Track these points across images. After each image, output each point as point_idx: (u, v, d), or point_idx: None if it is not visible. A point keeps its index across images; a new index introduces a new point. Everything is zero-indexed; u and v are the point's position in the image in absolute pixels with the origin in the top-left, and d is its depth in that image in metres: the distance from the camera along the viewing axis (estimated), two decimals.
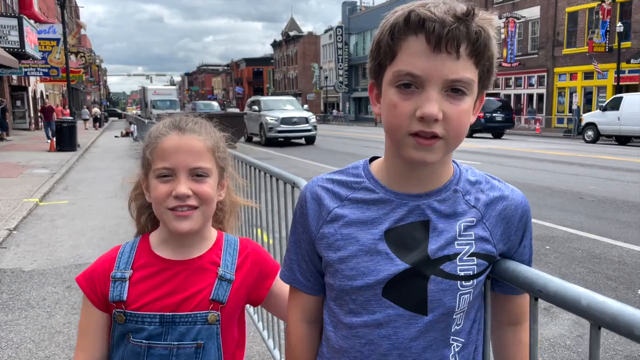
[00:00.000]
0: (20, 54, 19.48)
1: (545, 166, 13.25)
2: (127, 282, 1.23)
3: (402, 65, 0.88)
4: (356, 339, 1.00)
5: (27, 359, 3.36)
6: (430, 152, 0.90)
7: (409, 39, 0.87)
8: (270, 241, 2.93)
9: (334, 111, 60.83)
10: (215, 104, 40.04)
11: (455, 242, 0.96)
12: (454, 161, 1.04)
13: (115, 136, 29.74)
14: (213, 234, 1.33)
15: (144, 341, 1.22)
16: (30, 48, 20.29)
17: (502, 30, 35.72)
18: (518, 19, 35.25)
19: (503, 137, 25.49)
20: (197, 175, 1.20)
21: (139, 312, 1.22)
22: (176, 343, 1.23)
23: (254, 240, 1.59)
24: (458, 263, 0.95)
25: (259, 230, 3.22)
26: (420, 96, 0.87)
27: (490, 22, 0.90)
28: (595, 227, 6.53)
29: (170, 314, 1.22)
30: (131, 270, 1.25)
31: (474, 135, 25.41)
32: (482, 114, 23.50)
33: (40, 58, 23.87)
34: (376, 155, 1.09)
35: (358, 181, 1.03)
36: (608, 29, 28.82)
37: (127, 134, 28.86)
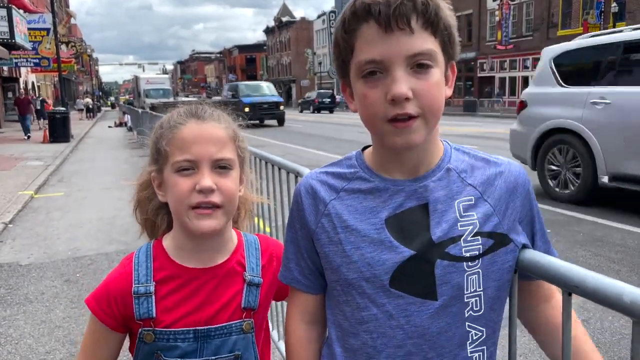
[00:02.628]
0: (10, 45, 19.21)
1: None
2: (153, 296, 1.11)
3: (361, 55, 0.88)
4: (367, 334, 0.96)
5: (27, 355, 3.31)
6: (411, 133, 0.88)
7: (361, 28, 0.88)
8: (268, 229, 2.88)
9: (337, 97, 59.29)
10: (266, 85, 28.94)
11: (458, 224, 0.93)
12: (443, 140, 1.01)
13: (109, 126, 29.53)
14: (233, 234, 1.23)
15: (178, 359, 1.13)
16: (21, 38, 20.01)
17: (497, 13, 35.50)
18: (512, 0, 35.00)
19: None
20: (221, 167, 1.09)
21: (170, 330, 1.11)
22: (213, 358, 1.14)
23: (254, 229, 1.51)
24: (462, 244, 0.92)
25: (256, 218, 3.16)
26: (386, 80, 0.87)
27: None
28: (595, 210, 6.51)
29: (205, 327, 1.13)
30: (154, 283, 1.12)
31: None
32: (317, 99, 43.72)
33: (30, 48, 23.57)
34: (368, 144, 1.06)
35: (352, 172, 1.01)
36: (603, 9, 28.66)
37: (121, 124, 28.63)
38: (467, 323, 0.95)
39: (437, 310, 0.93)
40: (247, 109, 23.67)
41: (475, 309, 0.95)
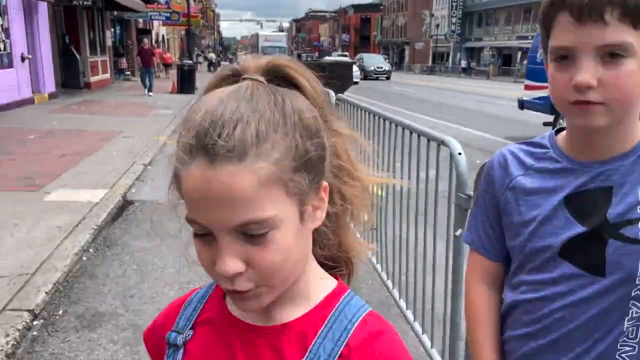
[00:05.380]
0: None
1: None
2: (182, 350, 0.77)
3: (555, 41, 0.94)
4: (532, 293, 1.05)
5: (170, 282, 3.78)
6: (590, 117, 0.92)
7: (557, 16, 0.93)
8: (382, 193, 2.96)
9: (462, 62, 55.29)
10: None
11: (638, 207, 0.96)
12: None
13: None
14: (316, 287, 0.74)
15: None
16: None
17: None
18: None
19: None
20: (249, 234, 0.62)
21: None
22: None
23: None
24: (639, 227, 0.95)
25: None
26: (573, 66, 0.92)
27: None
28: None
29: None
30: (191, 331, 0.77)
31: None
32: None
33: (163, 2, 25.20)
34: (562, 127, 1.11)
35: (543, 152, 1.08)
36: None
37: None
38: (631, 301, 0.99)
39: (602, 288, 0.98)
40: None
41: None
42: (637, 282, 0.98)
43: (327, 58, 46.12)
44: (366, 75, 36.70)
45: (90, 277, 3.85)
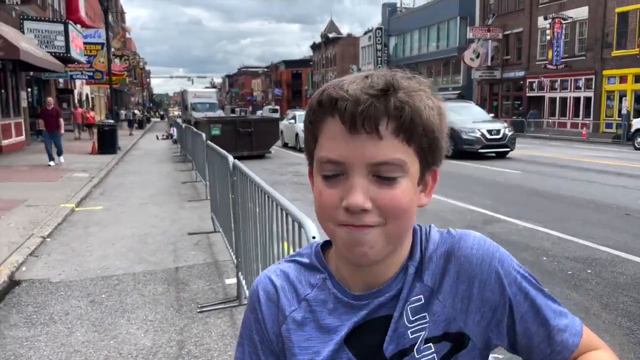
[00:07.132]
0: (66, 58, 20.12)
1: (590, 176, 12.65)
2: None
3: (323, 150, 0.78)
4: None
5: None
6: (364, 246, 0.76)
7: (327, 120, 0.78)
8: (292, 250, 2.81)
9: None
10: None
11: (409, 332, 0.82)
12: (417, 226, 0.88)
13: (157, 137, 30.36)
14: None
15: None
16: (76, 52, 20.95)
17: (548, 32, 34.61)
18: (565, 19, 34.02)
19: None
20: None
21: None
22: None
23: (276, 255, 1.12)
24: (416, 355, 0.81)
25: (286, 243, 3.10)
26: (345, 183, 0.76)
27: (419, 93, 0.76)
28: None
29: None
30: None
31: None
32: None
33: (85, 62, 24.63)
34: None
35: (318, 277, 0.89)
36: None
37: (169, 136, 29.39)
38: None
39: None
40: None
41: None
42: None
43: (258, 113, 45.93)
44: None
45: None
